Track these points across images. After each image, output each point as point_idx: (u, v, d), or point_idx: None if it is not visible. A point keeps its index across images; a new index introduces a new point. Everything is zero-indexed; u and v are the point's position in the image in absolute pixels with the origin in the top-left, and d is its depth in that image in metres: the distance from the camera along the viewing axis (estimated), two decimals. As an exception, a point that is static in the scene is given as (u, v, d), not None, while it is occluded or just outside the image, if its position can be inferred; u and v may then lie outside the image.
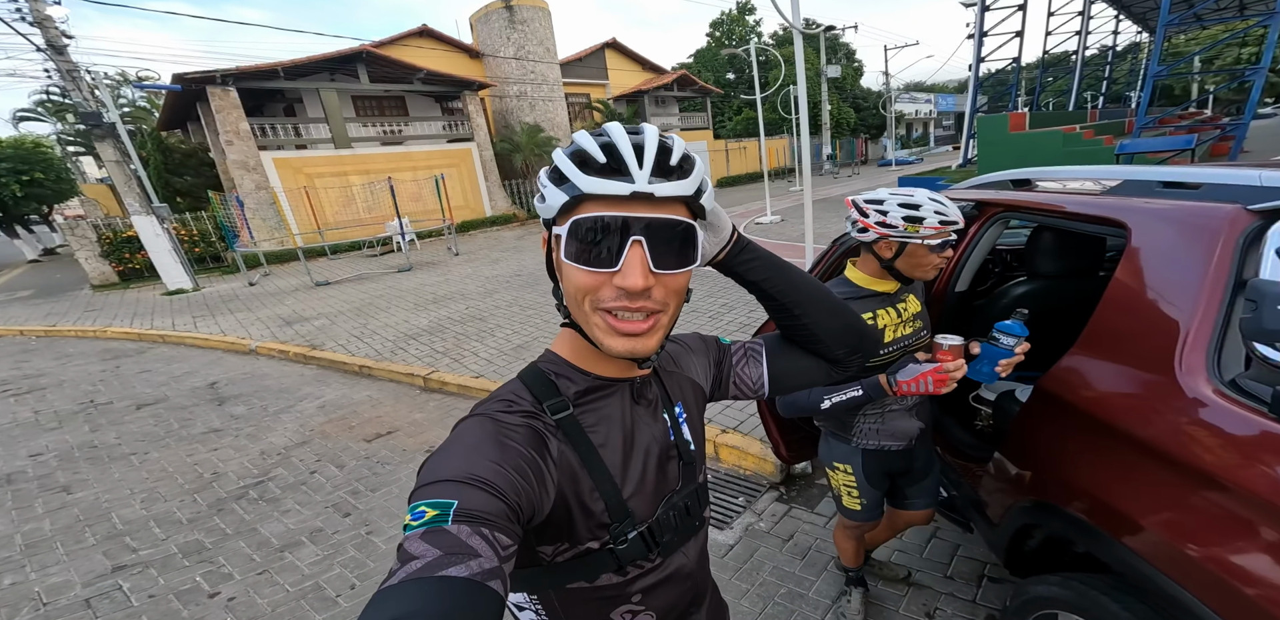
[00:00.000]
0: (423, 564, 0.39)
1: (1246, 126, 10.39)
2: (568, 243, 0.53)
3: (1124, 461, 1.08)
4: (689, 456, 0.70)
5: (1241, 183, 1.10)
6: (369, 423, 3.85)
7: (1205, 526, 0.92)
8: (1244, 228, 1.02)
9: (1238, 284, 0.99)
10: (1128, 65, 25.44)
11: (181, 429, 4.04)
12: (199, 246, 11.99)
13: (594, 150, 0.52)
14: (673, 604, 0.68)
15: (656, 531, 0.63)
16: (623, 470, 0.61)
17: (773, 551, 2.18)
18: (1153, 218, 1.20)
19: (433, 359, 4.83)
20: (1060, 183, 1.78)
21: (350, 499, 2.91)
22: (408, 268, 9.88)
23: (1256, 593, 0.82)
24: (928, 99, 39.34)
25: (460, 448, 0.51)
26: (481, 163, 15.87)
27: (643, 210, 0.52)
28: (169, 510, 2.94)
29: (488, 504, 0.45)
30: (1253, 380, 0.92)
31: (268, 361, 5.59)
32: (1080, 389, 1.21)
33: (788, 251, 7.90)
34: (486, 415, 0.56)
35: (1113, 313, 1.20)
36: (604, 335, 0.56)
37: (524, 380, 0.62)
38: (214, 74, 11.61)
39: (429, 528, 0.42)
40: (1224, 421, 0.92)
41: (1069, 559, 1.44)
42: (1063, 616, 1.21)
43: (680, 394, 0.73)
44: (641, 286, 0.51)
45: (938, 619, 1.80)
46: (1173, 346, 1.02)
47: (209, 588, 2.29)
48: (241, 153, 12.18)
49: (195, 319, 7.46)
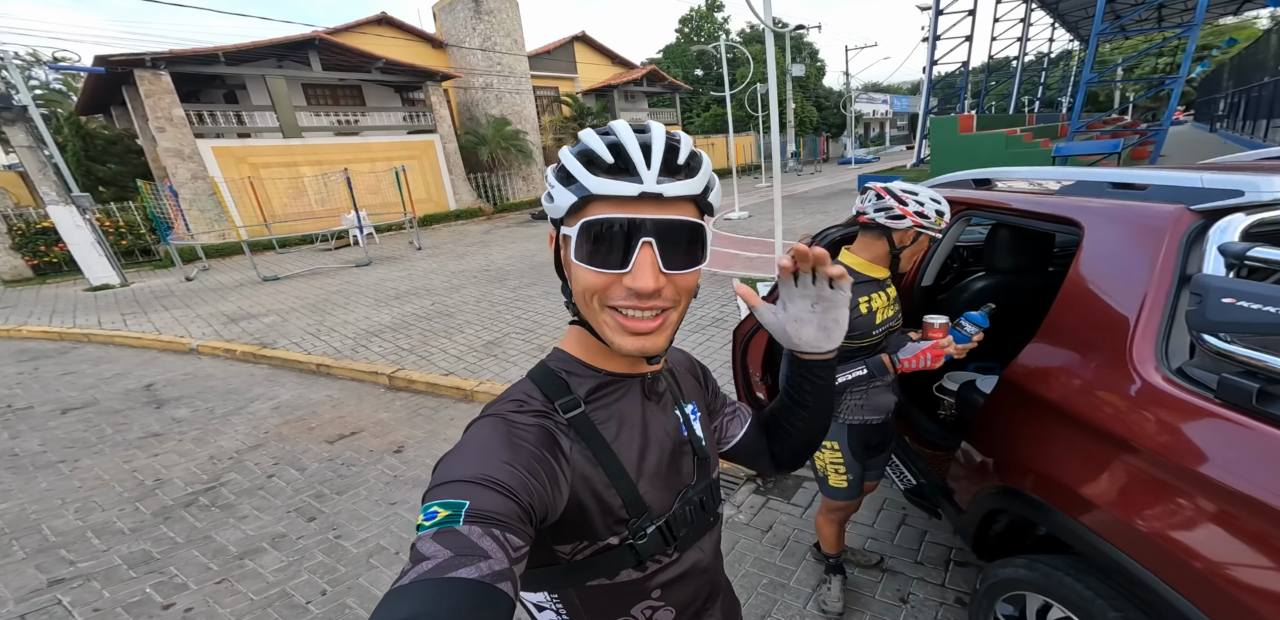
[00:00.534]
0: (433, 565, 0.39)
1: (1165, 132, 11.33)
2: (578, 244, 0.53)
3: (1083, 446, 1.13)
4: (703, 452, 0.70)
5: (1185, 184, 1.17)
6: (330, 423, 3.66)
7: (1157, 505, 0.97)
8: (1187, 226, 1.09)
9: (1182, 279, 1.07)
10: (1060, 72, 27.52)
11: (116, 434, 3.72)
12: (126, 239, 11.04)
13: (601, 150, 0.52)
14: (691, 599, 0.68)
15: (674, 526, 0.63)
16: (638, 465, 0.61)
17: (753, 543, 2.22)
18: (1104, 217, 1.28)
19: (398, 356, 4.65)
20: (1018, 182, 1.89)
21: (314, 503, 2.77)
22: (366, 262, 9.48)
23: (1204, 566, 0.87)
24: (884, 99, 40.77)
25: (473, 448, 0.51)
26: (445, 155, 15.39)
27: (652, 211, 0.52)
28: (108, 520, 2.70)
29: (499, 505, 0.45)
30: (1198, 368, 0.99)
31: (211, 361, 5.22)
32: (1041, 378, 1.27)
33: (757, 247, 8.06)
34: (498, 416, 0.56)
35: (1069, 306, 1.27)
36: (613, 334, 0.56)
37: (534, 380, 0.62)
38: (143, 57, 10.72)
39: (440, 528, 0.42)
40: (1170, 407, 0.98)
41: (1031, 542, 1.52)
42: (1030, 597, 1.27)
43: (690, 395, 0.74)
44: (653, 288, 0.52)
45: (911, 603, 1.87)
46: (1125, 337, 1.09)
47: (162, 599, 2.12)
48: (175, 140, 11.33)
49: (125, 316, 6.86)
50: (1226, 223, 1.04)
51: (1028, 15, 20.56)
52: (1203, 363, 0.99)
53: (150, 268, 10.72)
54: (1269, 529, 0.82)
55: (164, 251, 10.67)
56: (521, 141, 16.03)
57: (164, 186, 10.40)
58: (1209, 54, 26.43)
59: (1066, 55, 26.89)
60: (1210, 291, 0.91)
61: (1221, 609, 0.86)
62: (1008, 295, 2.03)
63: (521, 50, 16.94)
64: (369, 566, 2.27)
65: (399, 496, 2.76)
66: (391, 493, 2.80)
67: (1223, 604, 0.86)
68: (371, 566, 2.27)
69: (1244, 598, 0.83)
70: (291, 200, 12.67)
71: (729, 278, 6.36)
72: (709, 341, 4.40)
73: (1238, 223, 1.02)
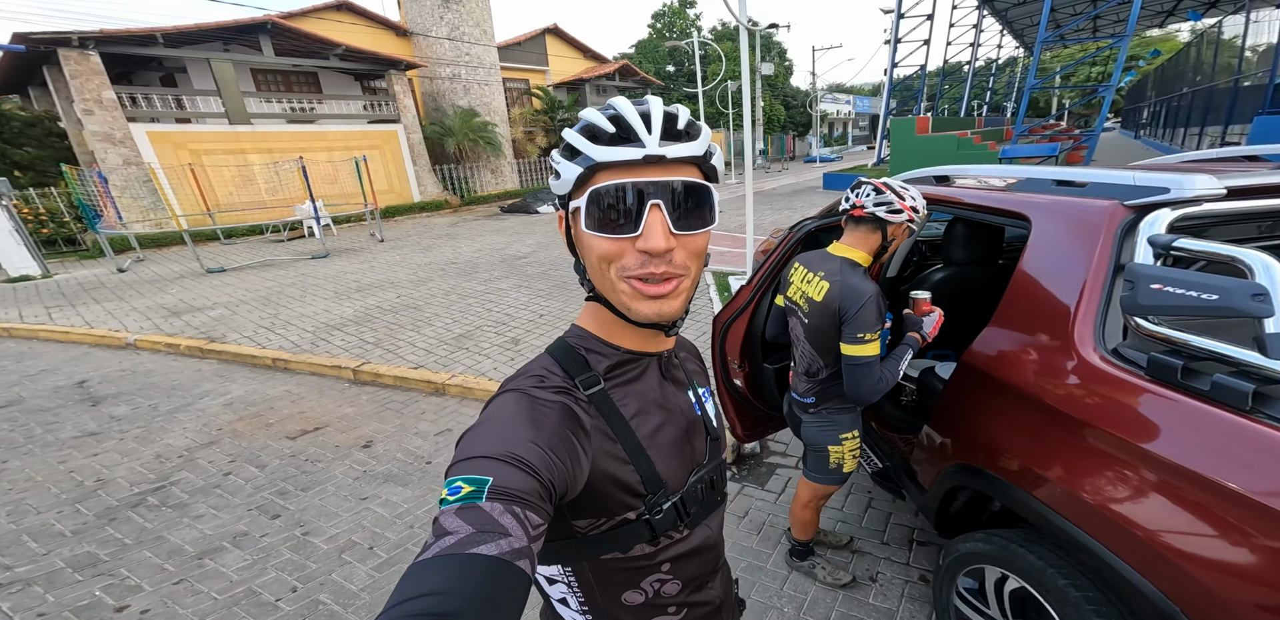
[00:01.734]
0: (456, 540, 0.40)
1: (1097, 137, 12.24)
2: (588, 213, 0.54)
3: (1031, 423, 1.21)
4: (715, 432, 0.72)
5: (1119, 182, 1.28)
6: (290, 419, 3.50)
7: (1097, 476, 1.04)
8: (1121, 220, 1.19)
9: (1117, 267, 1.17)
10: (1006, 78, 29.06)
11: (46, 434, 3.43)
12: (48, 227, 10.15)
13: (602, 122, 0.53)
14: (697, 573, 0.70)
15: (687, 503, 0.65)
16: (655, 442, 0.62)
17: (730, 529, 2.26)
18: (1049, 211, 1.39)
19: (362, 350, 4.49)
20: (974, 179, 2.02)
21: (278, 499, 2.64)
22: (324, 254, 9.05)
23: (1143, 533, 0.94)
24: (848, 100, 41.91)
25: (497, 424, 0.52)
26: (409, 146, 14.82)
27: (657, 174, 0.53)
28: (45, 522, 2.50)
29: (522, 482, 0.45)
30: (1131, 348, 1.08)
31: (151, 356, 4.88)
32: (995, 360, 1.36)
33: (728, 242, 8.20)
34: (521, 391, 0.56)
35: (1019, 293, 1.37)
36: (631, 300, 0.56)
37: (554, 355, 0.62)
38: (69, 36, 9.80)
39: (464, 503, 0.43)
40: (1107, 384, 1.07)
41: (988, 518, 1.61)
42: (988, 570, 1.34)
43: (699, 378, 0.77)
44: (664, 248, 0.53)
45: (879, 582, 1.94)
46: (1067, 321, 1.19)
47: (114, 601, 2.00)
48: (104, 124, 10.45)
49: (49, 310, 6.32)
50: (1155, 217, 1.14)
51: (980, 21, 21.58)
52: (1135, 343, 1.08)
53: (76, 258, 9.89)
54: (1196, 494, 0.89)
55: (92, 241, 9.85)
56: (490, 133, 15.63)
57: (92, 172, 9.60)
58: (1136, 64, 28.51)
59: (1012, 62, 28.40)
60: (1141, 278, 0.99)
61: (1158, 571, 0.93)
62: (963, 286, 2.16)
63: (491, 41, 16.50)
64: (341, 562, 2.19)
65: (370, 491, 2.67)
66: (361, 488, 2.71)
67: (1159, 567, 0.93)
68: (344, 562, 2.19)
69: (1179, 561, 0.89)
70: (239, 189, 11.93)
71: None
72: (684, 332, 4.43)
73: (1164, 217, 1.13)
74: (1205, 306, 0.90)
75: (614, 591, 0.64)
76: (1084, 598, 1.08)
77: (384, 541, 2.30)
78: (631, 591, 0.65)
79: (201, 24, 11.17)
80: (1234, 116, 11.09)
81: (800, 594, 1.91)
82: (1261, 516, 0.81)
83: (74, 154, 12.24)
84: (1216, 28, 12.98)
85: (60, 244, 10.46)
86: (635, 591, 0.65)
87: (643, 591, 0.65)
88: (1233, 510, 0.85)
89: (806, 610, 1.85)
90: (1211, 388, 0.91)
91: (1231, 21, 12.26)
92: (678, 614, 0.69)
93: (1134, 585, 0.96)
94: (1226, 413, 0.89)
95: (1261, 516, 0.81)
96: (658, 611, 0.67)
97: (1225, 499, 0.86)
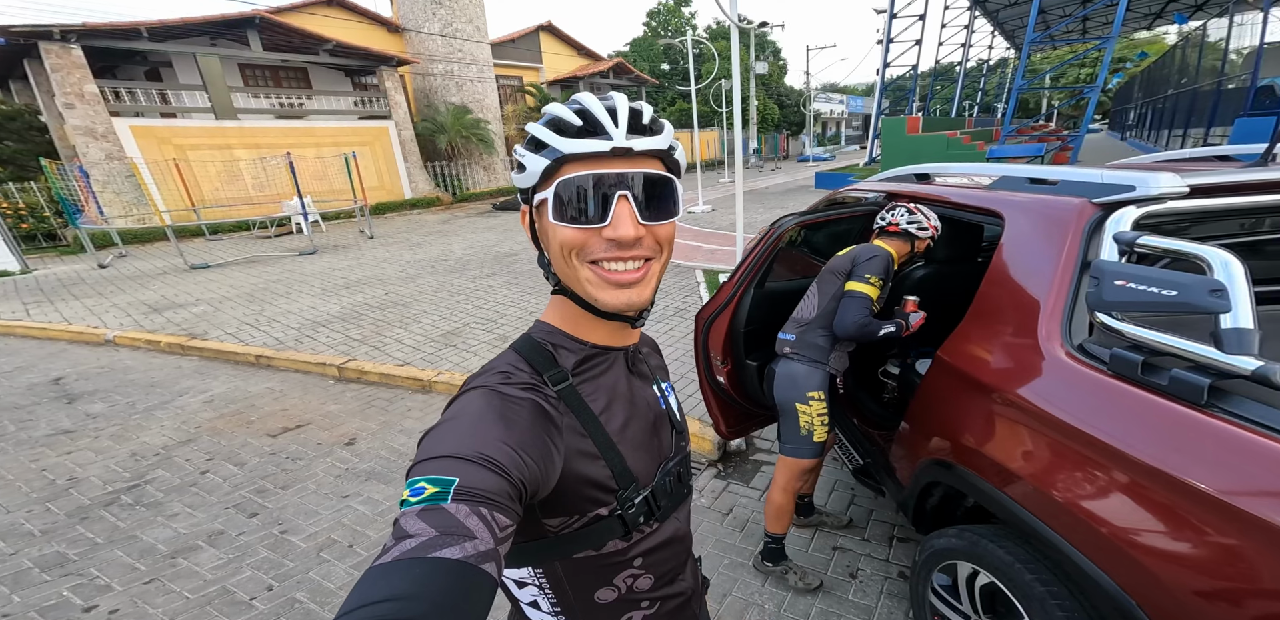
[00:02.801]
0: (417, 543, 0.38)
1: (1082, 139, 12.47)
2: (555, 204, 0.54)
3: (1001, 418, 1.21)
4: (679, 425, 0.73)
5: (1088, 180, 1.30)
6: (272, 417, 3.45)
7: (1061, 470, 1.04)
8: (1089, 217, 1.21)
9: (1084, 264, 1.18)
10: (997, 79, 29.35)
11: (19, 431, 3.36)
12: (27, 222, 9.96)
13: (569, 116, 0.54)
14: (669, 566, 0.70)
15: (658, 496, 0.65)
16: (625, 437, 0.62)
17: (714, 526, 2.26)
18: (1021, 209, 1.41)
19: (348, 347, 4.44)
20: (953, 177, 2.04)
21: (256, 498, 2.60)
22: (312, 251, 8.95)
23: (1109, 530, 0.93)
24: (841, 100, 42.04)
25: (464, 422, 0.50)
26: (400, 142, 14.69)
27: (624, 166, 0.54)
28: (13, 522, 2.45)
29: (490, 482, 0.44)
30: (1095, 344, 1.08)
31: (131, 353, 4.80)
32: (967, 356, 1.37)
33: (718, 240, 8.19)
34: (488, 388, 0.54)
35: (992, 289, 1.38)
36: (596, 289, 0.56)
37: (520, 352, 0.61)
38: (51, 29, 9.63)
39: (427, 505, 0.41)
40: (1072, 380, 1.07)
41: (962, 513, 1.62)
42: (960, 565, 1.34)
43: (661, 373, 0.77)
44: (634, 236, 0.53)
45: (859, 578, 1.95)
46: (1036, 317, 1.20)
47: (82, 602, 1.96)
48: (86, 118, 10.27)
49: (27, 306, 6.20)
50: (1121, 214, 1.15)
51: (971, 22, 21.72)
52: (1100, 339, 1.09)
53: (56, 253, 9.72)
54: (1154, 489, 0.89)
55: (73, 236, 9.68)
56: (483, 131, 15.54)
57: (73, 166, 9.42)
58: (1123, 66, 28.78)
59: (1003, 63, 28.63)
60: (1106, 275, 1.01)
61: (1117, 564, 0.93)
62: (944, 283, 2.17)
63: (484, 37, 16.40)
64: (320, 560, 2.16)
65: (352, 489, 2.64)
66: (343, 486, 2.68)
67: (1118, 560, 0.93)
68: (323, 560, 2.16)
69: (1137, 555, 0.89)
70: (224, 184, 11.77)
71: (691, 269, 6.43)
72: (672, 331, 4.44)
73: (1130, 214, 1.14)
74: (1166, 302, 0.90)
75: (587, 590, 0.63)
76: (1049, 592, 1.08)
77: (364, 539, 2.27)
78: (605, 589, 0.64)
79: (188, 18, 11.02)
80: (1216, 119, 11.25)
81: (781, 591, 1.91)
82: (1215, 510, 0.81)
83: (55, 148, 12.01)
84: (1201, 30, 13.15)
85: (40, 239, 10.27)
86: (608, 589, 0.64)
87: (616, 588, 0.65)
88: (1188, 505, 0.85)
89: (787, 607, 1.84)
90: (1170, 383, 0.91)
91: (1216, 24, 12.43)
92: (650, 608, 0.69)
93: (1093, 578, 0.96)
94: (1183, 407, 0.89)
95: (1215, 510, 0.81)
96: (631, 607, 0.67)
97: (1181, 494, 0.86)
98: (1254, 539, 0.77)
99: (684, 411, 0.80)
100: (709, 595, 1.03)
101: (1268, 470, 0.78)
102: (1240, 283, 0.86)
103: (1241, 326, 0.84)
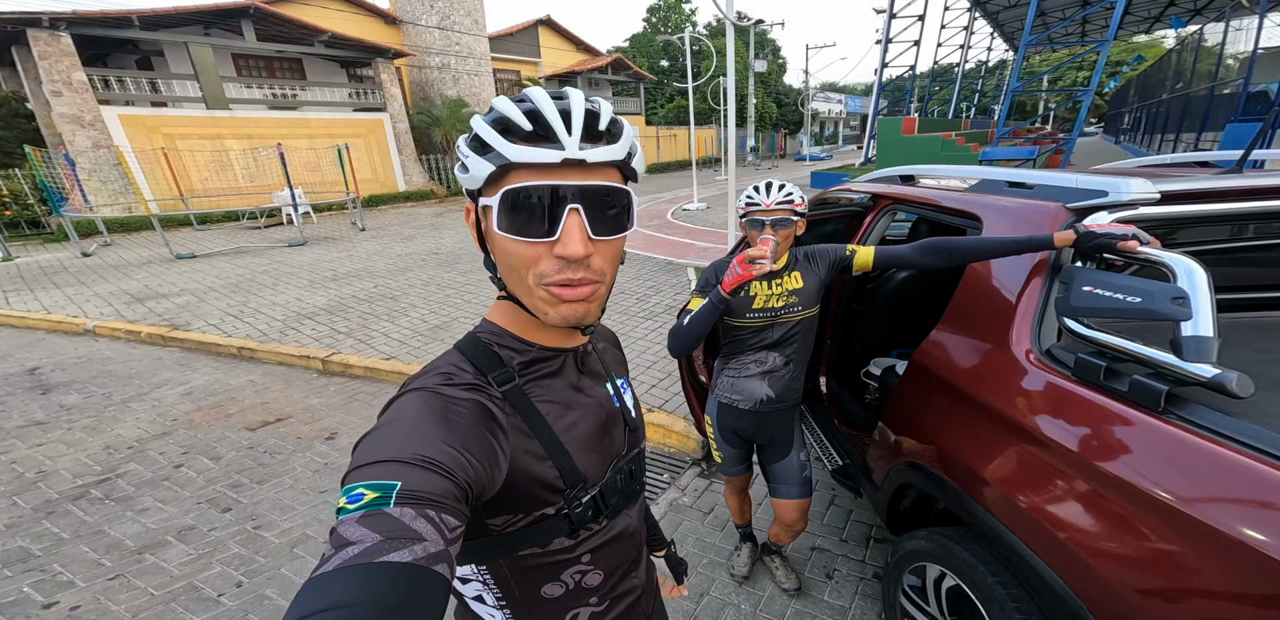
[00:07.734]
0: (360, 550, 0.35)
1: (1074, 141, 12.53)
2: (500, 214, 0.50)
3: (970, 421, 1.21)
4: (633, 422, 0.71)
5: (1063, 185, 1.30)
6: (252, 410, 3.40)
7: (1024, 474, 1.03)
8: (1063, 221, 1.20)
9: (1056, 268, 1.18)
10: (995, 81, 29.41)
11: (-9, 422, 3.30)
12: (11, 209, 9.81)
13: (518, 117, 0.49)
14: (619, 562, 0.69)
15: (606, 495, 0.64)
16: (573, 437, 0.61)
17: (695, 524, 2.26)
18: (998, 212, 1.41)
19: (333, 340, 4.38)
20: (935, 179, 2.03)
21: (230, 493, 2.56)
22: (301, 242, 8.86)
23: (1064, 532, 0.93)
24: (839, 99, 41.90)
25: (401, 425, 0.47)
26: (395, 135, 14.56)
27: (575, 177, 0.50)
28: (-22, 515, 2.39)
29: (434, 484, 0.42)
30: (1062, 349, 1.08)
31: (110, 343, 4.73)
32: (940, 360, 1.36)
33: (710, 237, 8.15)
34: (428, 389, 0.52)
35: (967, 293, 1.38)
36: (546, 305, 0.54)
37: (464, 352, 0.59)
38: (39, 16, 9.46)
39: (368, 511, 0.39)
40: (1037, 384, 1.07)
41: (933, 516, 1.62)
42: (929, 567, 1.34)
43: (617, 368, 0.75)
44: (582, 254, 0.50)
45: (835, 579, 1.94)
46: (1009, 322, 1.19)
47: (43, 598, 1.92)
48: (74, 105, 10.10)
49: (6, 294, 6.10)
50: (1092, 219, 1.14)
51: (971, 23, 21.71)
52: (1067, 344, 1.09)
53: (40, 241, 9.58)
54: (1110, 494, 0.89)
55: (57, 224, 9.54)
56: (480, 124, 15.43)
57: (58, 154, 9.27)
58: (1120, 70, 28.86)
59: (1002, 65, 28.65)
60: (1075, 280, 1.01)
61: (1071, 568, 0.93)
62: (925, 285, 2.16)
63: (482, 31, 16.24)
64: (293, 556, 2.13)
65: (330, 484, 2.60)
66: (321, 481, 2.64)
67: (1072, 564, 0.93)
68: (296, 556, 2.13)
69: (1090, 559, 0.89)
70: (214, 174, 11.62)
71: (683, 266, 6.40)
72: (662, 328, 4.41)
73: (1102, 219, 1.13)
74: (1130, 309, 0.90)
75: (533, 585, 0.63)
76: (1008, 595, 1.08)
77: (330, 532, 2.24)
78: (551, 584, 0.63)
79: (180, 7, 10.85)
80: (1208, 123, 11.31)
81: (758, 591, 1.90)
82: (1164, 515, 0.81)
83: (41, 136, 11.83)
84: (1198, 35, 13.20)
85: (24, 227, 10.12)
86: (555, 584, 0.63)
87: (563, 584, 0.64)
88: (1138, 510, 0.84)
89: (763, 607, 1.83)
90: (1129, 389, 0.91)
91: (1212, 29, 12.47)
92: (600, 605, 0.68)
93: (1047, 581, 0.96)
94: (1141, 413, 0.89)
95: (1164, 515, 0.81)
96: (579, 603, 0.66)
97: (1132, 499, 0.85)
98: (1199, 544, 0.77)
99: (640, 407, 0.77)
100: (684, 585, 1.03)
101: (1216, 475, 0.78)
102: (1203, 290, 0.85)
103: (1201, 334, 0.84)
